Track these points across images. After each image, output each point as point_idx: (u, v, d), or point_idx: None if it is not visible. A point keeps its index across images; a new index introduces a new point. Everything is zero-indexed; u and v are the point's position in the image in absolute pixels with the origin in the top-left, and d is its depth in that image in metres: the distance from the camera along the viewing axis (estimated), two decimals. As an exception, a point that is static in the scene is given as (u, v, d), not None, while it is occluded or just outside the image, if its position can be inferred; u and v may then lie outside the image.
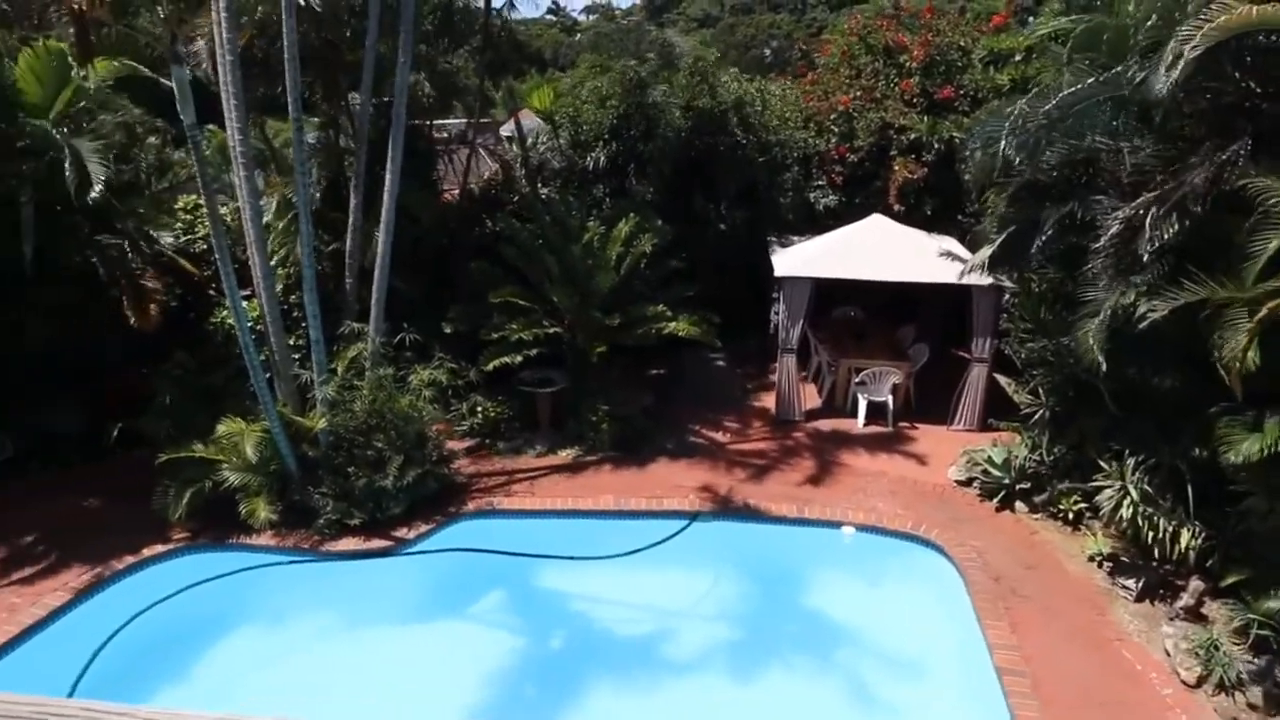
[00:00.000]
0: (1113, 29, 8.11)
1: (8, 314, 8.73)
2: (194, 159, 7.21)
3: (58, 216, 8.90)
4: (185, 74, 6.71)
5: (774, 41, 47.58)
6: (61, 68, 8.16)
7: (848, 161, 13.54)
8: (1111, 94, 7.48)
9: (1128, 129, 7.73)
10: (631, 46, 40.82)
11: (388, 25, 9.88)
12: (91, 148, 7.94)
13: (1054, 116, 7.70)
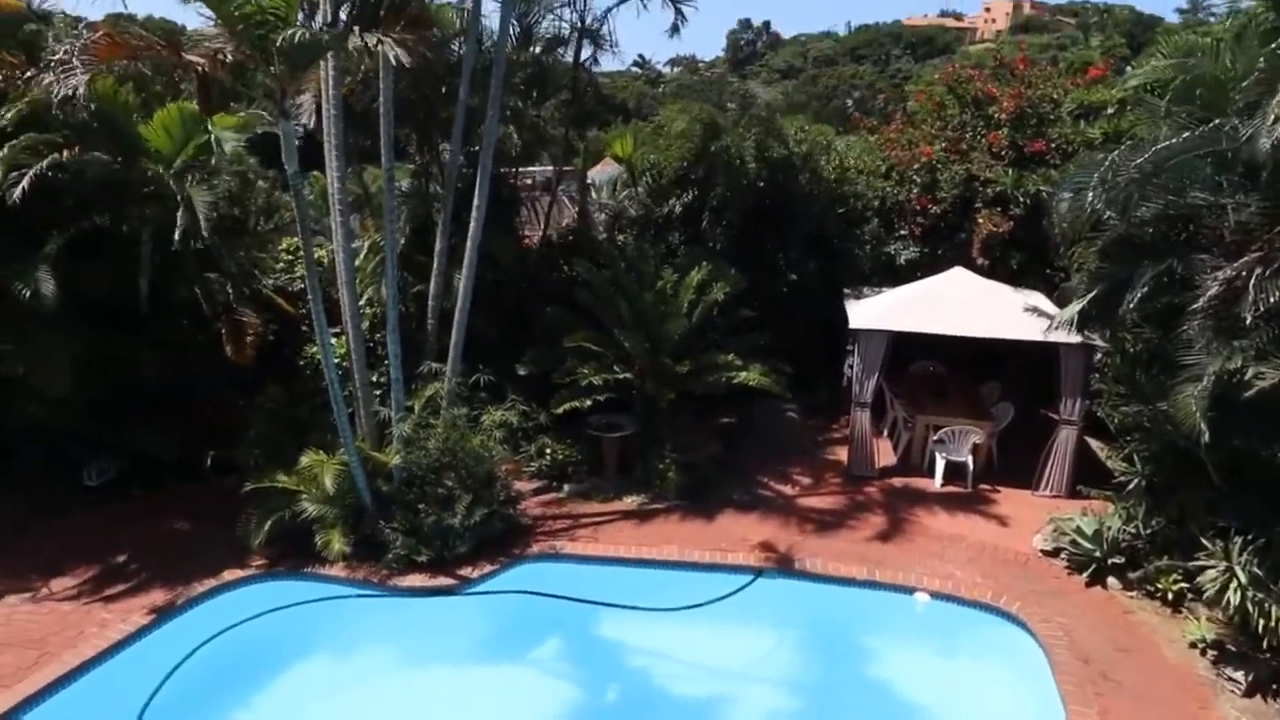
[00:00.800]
0: (1212, 81, 7.76)
1: (124, 346, 9.44)
2: (295, 205, 7.69)
3: (172, 256, 9.65)
4: (291, 127, 7.23)
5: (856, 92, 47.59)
6: (189, 123, 8.94)
7: (929, 213, 13.27)
8: (1211, 148, 7.11)
9: (1231, 185, 7.31)
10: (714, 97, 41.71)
11: (480, 80, 10.40)
12: (204, 196, 8.60)
13: (1147, 170, 7.35)
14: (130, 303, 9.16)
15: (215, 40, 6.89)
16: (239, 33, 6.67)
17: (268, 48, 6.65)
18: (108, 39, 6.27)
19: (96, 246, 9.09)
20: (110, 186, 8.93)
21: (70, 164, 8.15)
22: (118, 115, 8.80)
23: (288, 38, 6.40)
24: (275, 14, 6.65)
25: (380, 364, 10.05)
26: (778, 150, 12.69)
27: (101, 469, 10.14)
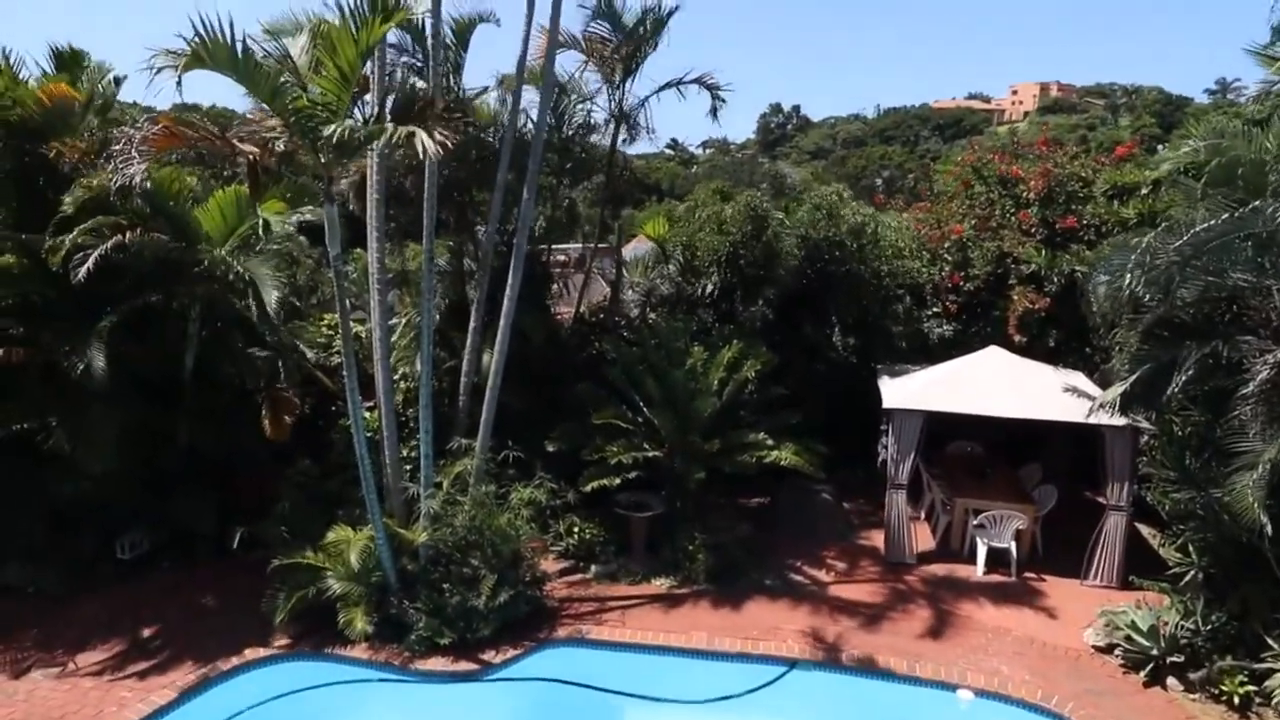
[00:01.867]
0: (1249, 163, 7.72)
1: (166, 419, 9.66)
2: (335, 285, 7.92)
3: (218, 331, 9.98)
4: (335, 211, 7.51)
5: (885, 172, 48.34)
6: (241, 206, 9.38)
7: (962, 290, 13.20)
8: (1252, 230, 7.01)
9: (1274, 267, 7.16)
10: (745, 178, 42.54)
11: (518, 163, 10.77)
12: (269, 273, 8.95)
13: (1187, 254, 7.26)
14: (174, 376, 9.44)
15: (266, 130, 7.27)
16: (290, 124, 7.04)
17: (317, 138, 7.00)
18: (166, 131, 6.66)
19: (147, 322, 9.44)
20: (166, 266, 9.33)
21: (132, 245, 8.55)
22: (174, 200, 9.28)
23: (336, 130, 6.73)
24: (327, 107, 7.02)
25: (411, 438, 10.11)
26: (823, 232, 12.80)
27: (135, 542, 10.23)
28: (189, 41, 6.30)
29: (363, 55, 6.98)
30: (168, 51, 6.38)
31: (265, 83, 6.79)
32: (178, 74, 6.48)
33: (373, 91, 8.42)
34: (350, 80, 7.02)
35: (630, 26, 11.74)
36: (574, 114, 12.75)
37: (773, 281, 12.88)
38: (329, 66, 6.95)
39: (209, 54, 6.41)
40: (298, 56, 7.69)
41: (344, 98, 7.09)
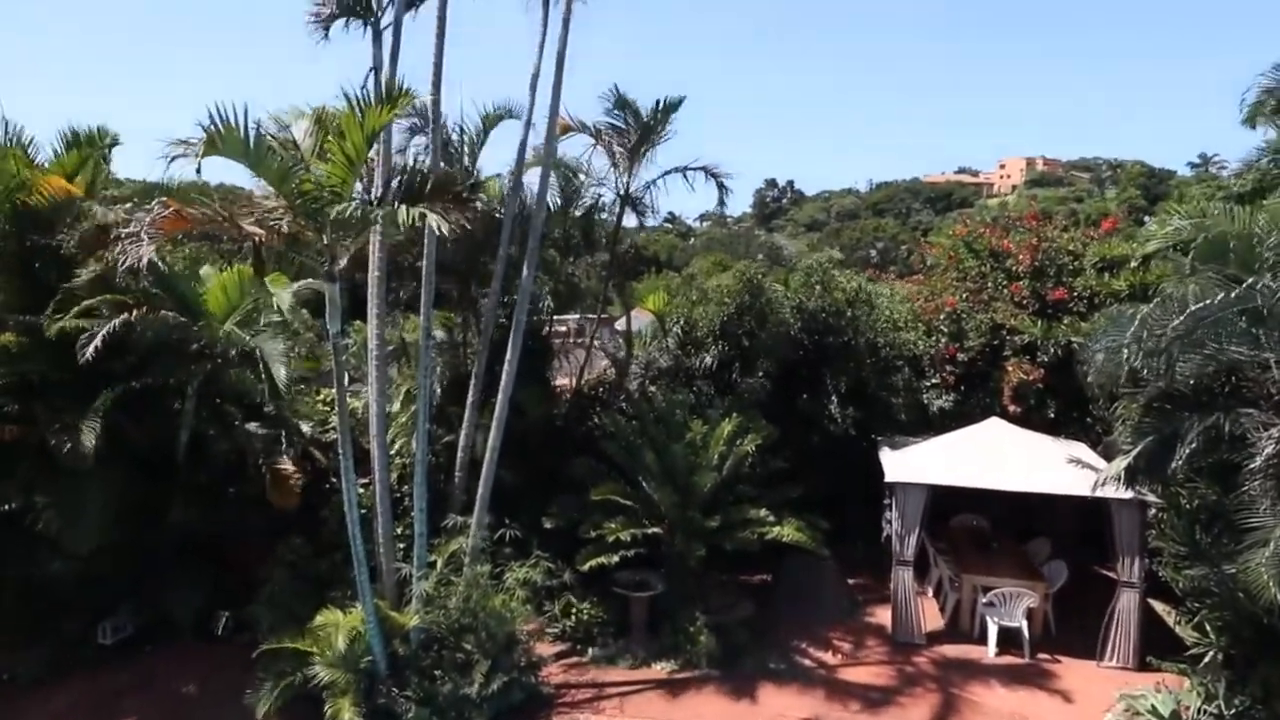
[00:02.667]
0: (1238, 239, 7.85)
1: (156, 496, 9.51)
2: (334, 363, 7.93)
3: (215, 406, 9.93)
4: (337, 290, 7.59)
5: (879, 243, 49.28)
6: (245, 285, 9.50)
7: (959, 361, 13.25)
8: (1246, 307, 7.07)
9: (1270, 340, 7.20)
10: (742, 250, 43.26)
11: (520, 236, 10.95)
12: (278, 350, 8.97)
13: (1183, 330, 7.31)
14: (169, 451, 9.34)
15: (272, 211, 7.41)
16: (296, 206, 7.18)
17: (321, 219, 7.13)
18: (175, 214, 6.79)
19: (145, 399, 9.40)
20: (167, 343, 9.36)
21: (137, 323, 8.59)
22: (179, 279, 9.39)
23: (341, 211, 6.86)
24: (332, 190, 7.18)
25: (406, 516, 9.94)
26: (817, 302, 12.95)
27: (118, 626, 9.91)
28: (205, 129, 6.50)
29: (368, 140, 7.18)
30: (180, 141, 6.58)
31: (275, 167, 6.97)
32: (197, 160, 6.71)
33: (377, 172, 8.63)
34: (356, 164, 7.20)
35: (641, 115, 12.16)
36: (583, 195, 13.09)
37: (770, 352, 12.93)
38: (335, 151, 7.13)
39: (223, 142, 6.60)
40: (302, 140, 7.92)
41: (349, 180, 7.26)
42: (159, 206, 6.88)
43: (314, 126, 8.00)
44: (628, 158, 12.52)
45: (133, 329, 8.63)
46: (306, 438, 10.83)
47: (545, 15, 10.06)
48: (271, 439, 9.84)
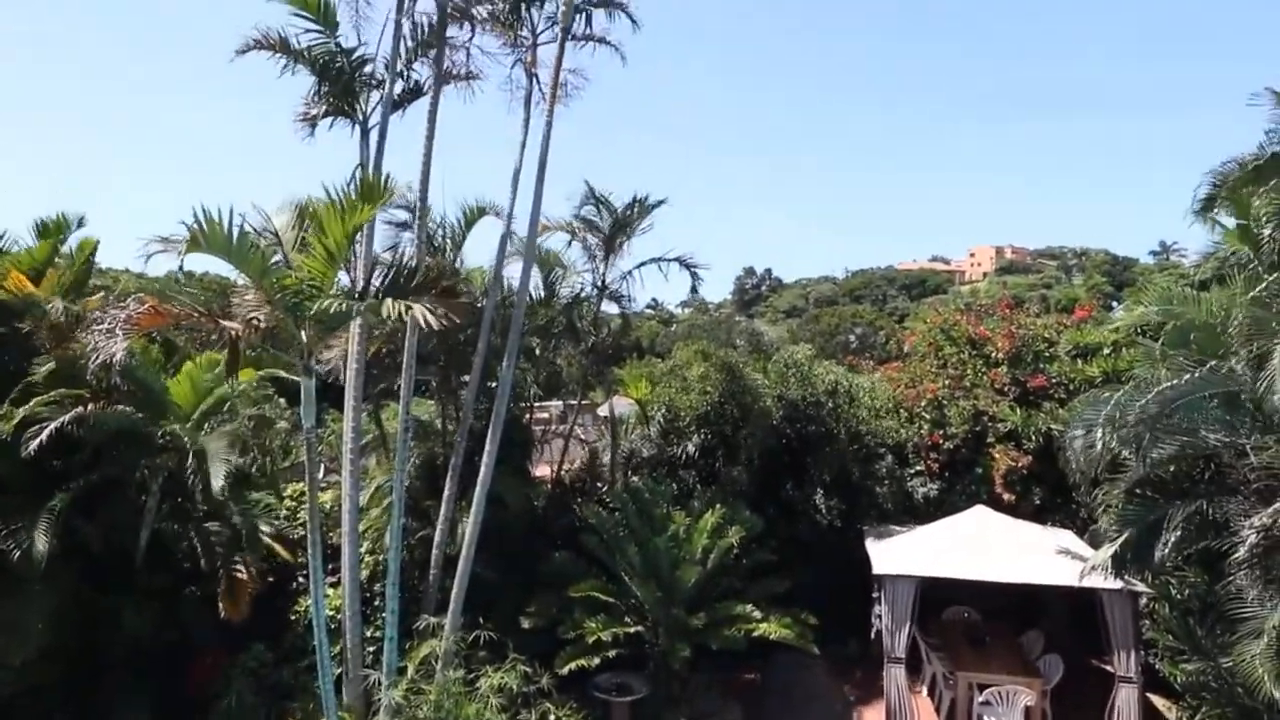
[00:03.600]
0: (1202, 326, 8.04)
1: (110, 601, 9.05)
2: (306, 459, 7.74)
3: (177, 505, 9.60)
4: (312, 385, 7.49)
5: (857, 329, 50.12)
6: (213, 377, 9.35)
7: (942, 449, 13.23)
8: (1217, 391, 7.17)
9: (1245, 426, 7.26)
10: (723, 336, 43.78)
11: (502, 325, 10.97)
12: (220, 447, 8.74)
13: (1154, 412, 7.37)
14: (125, 550, 8.94)
15: (250, 305, 7.38)
16: (276, 300, 7.17)
17: (301, 313, 7.11)
18: (152, 310, 6.75)
19: (102, 494, 9.07)
20: (128, 438, 9.11)
21: (91, 417, 8.38)
22: (145, 370, 9.24)
23: (322, 307, 6.85)
24: (313, 285, 7.19)
25: (377, 616, 9.52)
26: (798, 392, 13.00)
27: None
28: (189, 228, 6.55)
29: (350, 235, 7.26)
30: (161, 239, 6.63)
31: (256, 263, 6.99)
32: (180, 257, 6.76)
33: (360, 265, 8.69)
34: (337, 259, 7.25)
35: (617, 212, 12.51)
36: (561, 286, 13.27)
37: (753, 441, 12.86)
38: (316, 246, 7.19)
39: (206, 239, 6.64)
40: (284, 233, 7.99)
41: (330, 274, 7.29)
42: (135, 302, 6.84)
43: (296, 220, 8.10)
44: (603, 251, 12.79)
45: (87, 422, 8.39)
46: (271, 535, 10.43)
47: (527, 116, 10.44)
48: (232, 540, 9.45)
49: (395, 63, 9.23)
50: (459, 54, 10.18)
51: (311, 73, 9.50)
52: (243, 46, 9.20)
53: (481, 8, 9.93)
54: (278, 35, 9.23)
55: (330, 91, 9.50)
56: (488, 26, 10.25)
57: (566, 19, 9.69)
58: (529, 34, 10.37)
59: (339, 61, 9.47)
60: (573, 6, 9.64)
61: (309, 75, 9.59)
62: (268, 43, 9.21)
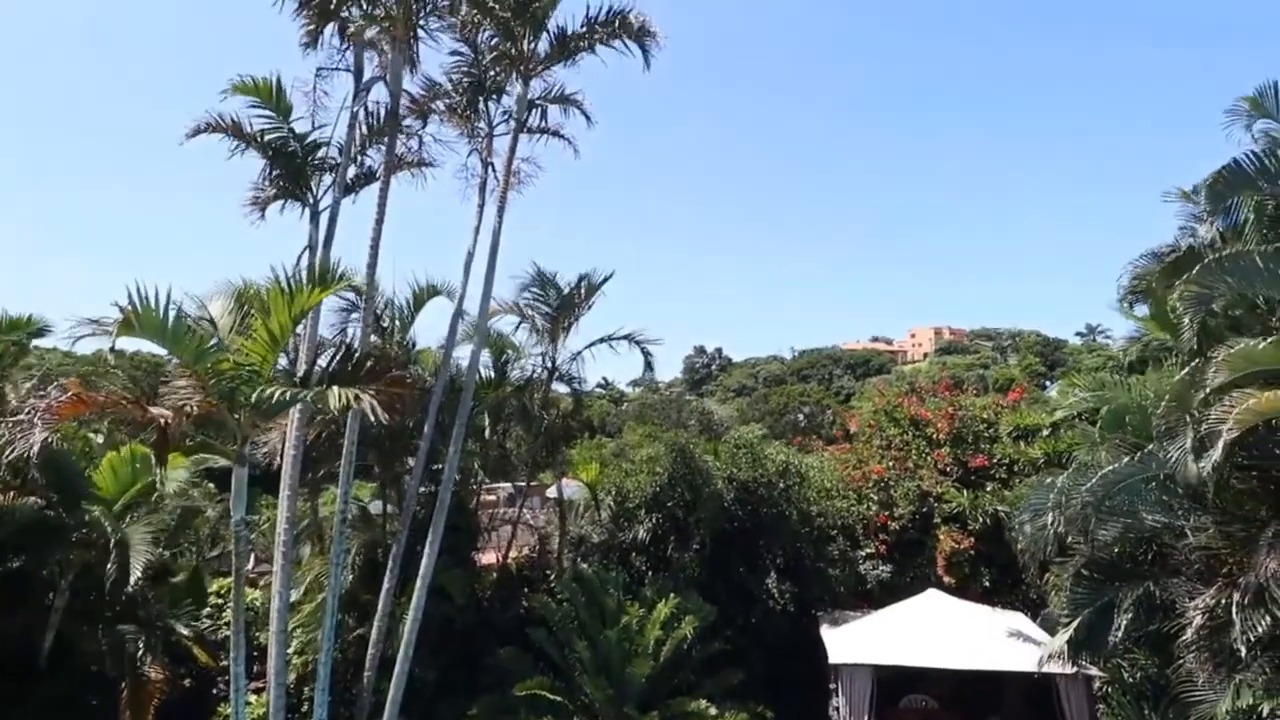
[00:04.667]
0: (1135, 409, 8.35)
1: (8, 714, 8.18)
2: (234, 554, 7.27)
3: (87, 603, 8.87)
4: (245, 474, 7.12)
5: (805, 408, 50.80)
6: (139, 466, 8.84)
7: (890, 529, 13.27)
8: (1153, 474, 7.39)
9: (1181, 507, 7.46)
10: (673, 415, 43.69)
11: (450, 408, 10.69)
12: (142, 538, 8.18)
13: (1099, 495, 7.55)
14: (22, 656, 8.15)
15: (182, 391, 7.05)
16: (210, 385, 6.86)
17: (237, 399, 6.80)
18: (75, 399, 6.37)
19: (5, 594, 8.31)
20: (40, 529, 8.46)
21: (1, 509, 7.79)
22: (66, 459, 8.69)
23: (260, 395, 6.57)
24: (251, 369, 6.92)
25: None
26: (748, 473, 12.95)
27: None
28: (122, 310, 6.29)
29: (296, 319, 7.06)
30: (90, 320, 6.36)
31: (192, 347, 6.71)
32: (112, 339, 6.46)
33: (303, 350, 8.46)
34: (280, 343, 7.02)
35: (564, 293, 12.55)
36: (512, 368, 13.14)
37: (705, 524, 12.68)
38: (259, 330, 6.95)
39: (139, 322, 6.37)
40: (220, 317, 7.73)
41: (271, 359, 7.03)
42: (57, 391, 6.46)
43: (234, 304, 7.86)
44: (551, 332, 12.76)
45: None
46: (190, 636, 9.67)
47: (481, 201, 10.54)
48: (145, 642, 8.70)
49: (349, 149, 9.28)
50: (414, 141, 10.32)
51: (263, 156, 9.47)
52: (194, 129, 9.14)
53: (439, 101, 10.15)
54: (230, 119, 9.21)
55: (281, 175, 9.46)
56: (444, 117, 10.44)
57: (521, 113, 9.94)
58: (485, 125, 10.60)
59: (291, 145, 9.47)
60: (527, 102, 9.91)
61: (260, 159, 9.56)
62: (220, 125, 9.18)
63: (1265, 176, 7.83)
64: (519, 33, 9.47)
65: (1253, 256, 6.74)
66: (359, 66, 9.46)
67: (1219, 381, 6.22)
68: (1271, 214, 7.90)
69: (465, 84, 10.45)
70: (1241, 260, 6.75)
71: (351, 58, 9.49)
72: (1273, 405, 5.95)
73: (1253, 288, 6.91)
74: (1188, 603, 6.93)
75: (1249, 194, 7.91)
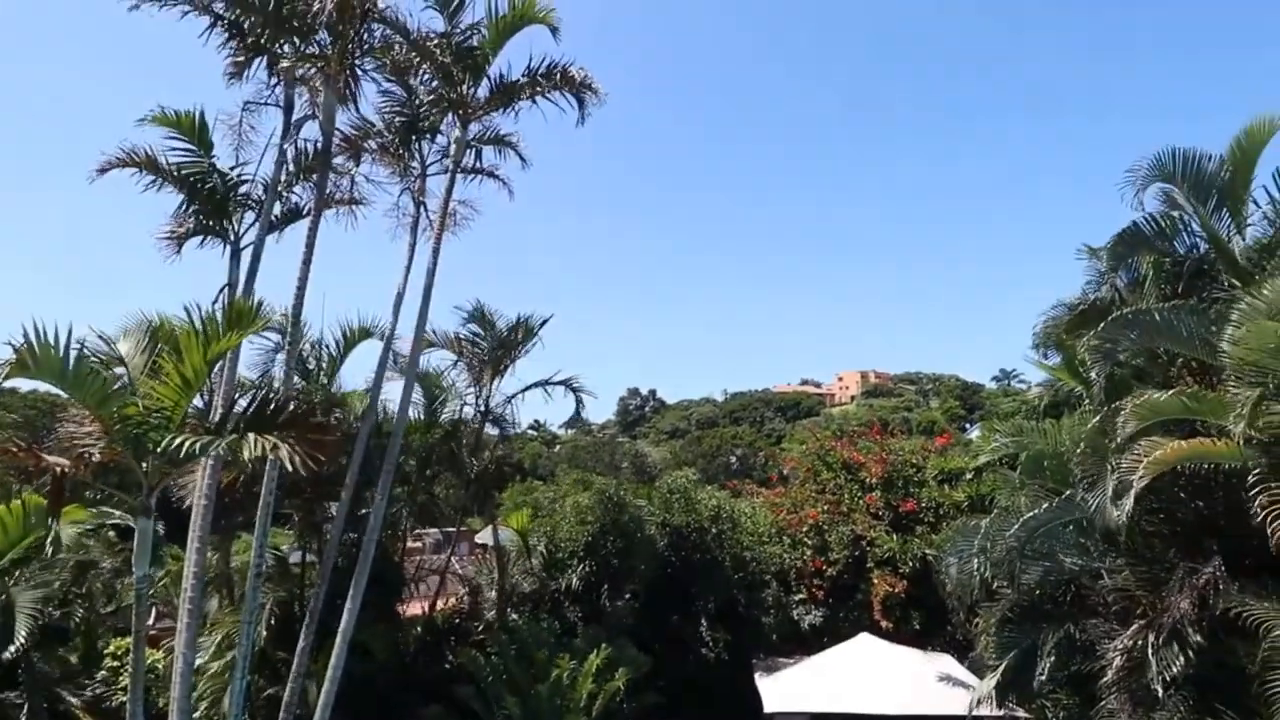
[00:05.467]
0: (1052, 455, 8.70)
1: None
2: (134, 613, 6.70)
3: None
4: (149, 525, 6.62)
5: (738, 450, 51.33)
6: (31, 520, 8.14)
7: (825, 575, 13.38)
8: (1071, 518, 7.68)
9: (1097, 550, 7.76)
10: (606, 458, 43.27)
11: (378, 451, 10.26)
12: (31, 597, 7.50)
13: (1021, 539, 7.80)
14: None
15: (83, 437, 6.55)
16: (114, 432, 6.40)
17: (144, 447, 6.36)
18: (-44, 444, 5.84)
19: None
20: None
21: None
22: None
23: (169, 444, 6.15)
24: (161, 414, 6.49)
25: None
26: (682, 518, 12.88)
27: None
28: (15, 349, 5.82)
29: (211, 362, 6.70)
30: (-26, 358, 5.85)
31: (95, 390, 6.26)
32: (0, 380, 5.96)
33: (218, 394, 8.02)
34: (194, 387, 6.62)
35: (503, 334, 12.37)
36: (443, 411, 12.79)
37: (636, 571, 12.52)
38: (171, 373, 6.55)
39: (36, 362, 5.91)
40: (129, 356, 7.27)
41: (184, 404, 6.62)
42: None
43: (146, 343, 7.41)
44: (488, 373, 12.54)
45: None
46: (81, 705, 8.87)
47: (413, 241, 10.31)
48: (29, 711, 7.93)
49: (275, 185, 8.98)
50: (345, 178, 10.09)
51: (180, 191, 9.06)
52: (105, 164, 8.70)
53: (371, 140, 9.98)
54: (145, 152, 8.81)
55: (200, 210, 9.07)
56: (376, 156, 10.26)
57: (458, 154, 9.86)
58: (419, 164, 10.46)
59: (212, 181, 9.11)
60: (464, 143, 9.85)
61: (177, 193, 9.14)
62: (133, 160, 8.76)
63: (1161, 237, 8.45)
64: (459, 78, 9.44)
65: (1152, 313, 7.18)
66: (289, 102, 9.22)
67: (1129, 431, 6.53)
68: (1169, 271, 8.49)
69: (399, 123, 10.32)
70: (1143, 316, 7.18)
71: (281, 92, 9.26)
72: (1178, 454, 6.28)
73: (1153, 341, 7.35)
74: (1107, 643, 7.15)
75: (1147, 253, 8.50)
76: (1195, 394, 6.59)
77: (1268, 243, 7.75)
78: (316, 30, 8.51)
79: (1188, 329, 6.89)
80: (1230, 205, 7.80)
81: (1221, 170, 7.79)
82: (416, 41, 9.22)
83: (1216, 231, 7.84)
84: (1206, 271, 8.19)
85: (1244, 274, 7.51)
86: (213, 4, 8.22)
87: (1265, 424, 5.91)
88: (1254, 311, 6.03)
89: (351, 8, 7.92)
